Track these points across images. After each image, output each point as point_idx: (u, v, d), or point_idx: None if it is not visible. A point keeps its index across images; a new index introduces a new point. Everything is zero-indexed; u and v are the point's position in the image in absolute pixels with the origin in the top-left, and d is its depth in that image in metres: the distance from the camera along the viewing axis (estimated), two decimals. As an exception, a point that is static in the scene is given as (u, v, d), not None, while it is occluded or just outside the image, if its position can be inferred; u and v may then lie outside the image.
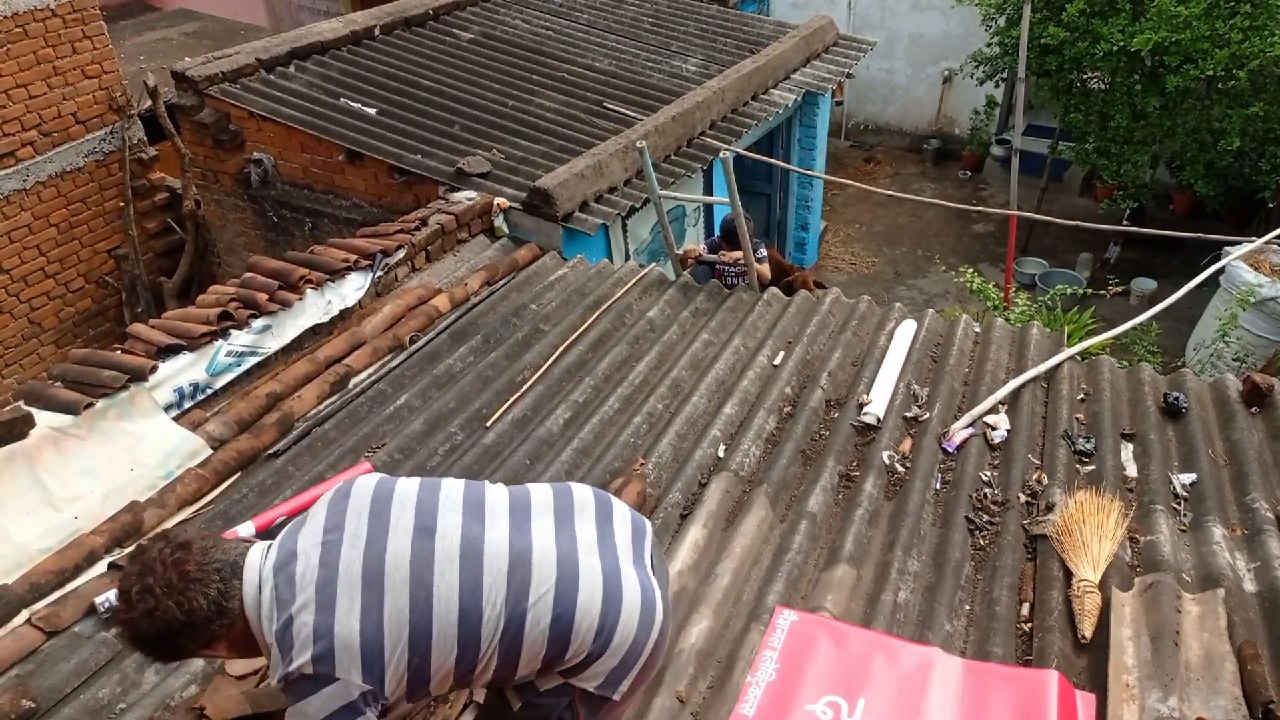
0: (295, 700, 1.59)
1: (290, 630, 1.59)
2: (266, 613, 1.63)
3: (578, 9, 8.48)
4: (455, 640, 1.64)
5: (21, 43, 6.12)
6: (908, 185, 11.70)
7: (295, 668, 1.58)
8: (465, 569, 1.65)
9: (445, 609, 1.63)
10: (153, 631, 1.59)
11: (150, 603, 1.57)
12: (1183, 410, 3.58)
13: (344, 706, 1.58)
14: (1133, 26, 8.08)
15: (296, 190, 6.20)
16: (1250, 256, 7.29)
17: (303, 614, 1.59)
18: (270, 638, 1.62)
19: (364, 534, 1.67)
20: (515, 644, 1.66)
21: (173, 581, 1.59)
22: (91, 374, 3.42)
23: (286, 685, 1.60)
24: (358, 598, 1.60)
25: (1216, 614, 2.63)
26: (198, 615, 1.60)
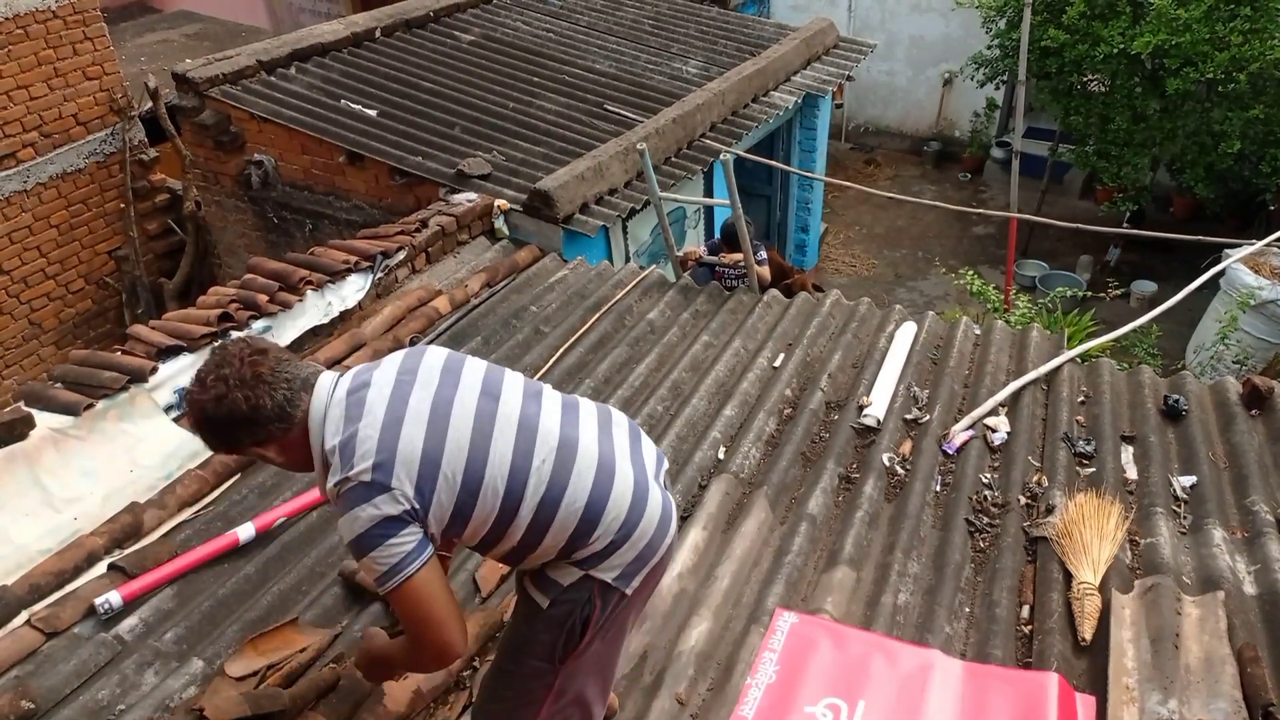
0: (346, 508, 1.68)
1: (354, 441, 1.70)
2: (332, 428, 1.73)
3: (578, 11, 8.49)
4: (501, 494, 1.75)
5: (22, 44, 6.12)
6: (908, 187, 11.71)
7: (354, 473, 1.67)
8: (521, 436, 1.78)
9: (499, 462, 1.75)
10: (217, 417, 1.72)
11: (221, 390, 1.70)
12: (1183, 413, 3.58)
13: (392, 517, 1.68)
14: (1133, 29, 8.09)
15: (297, 192, 6.20)
16: (1250, 259, 7.29)
17: (368, 429, 1.70)
18: (331, 444, 1.72)
19: (435, 381, 1.80)
20: (549, 515, 1.77)
21: (245, 377, 1.71)
22: (91, 375, 3.42)
23: (340, 494, 1.69)
24: (424, 427, 1.72)
25: (1217, 616, 2.63)
26: (261, 413, 1.72)
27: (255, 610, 2.75)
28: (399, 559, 1.69)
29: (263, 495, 3.24)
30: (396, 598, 1.73)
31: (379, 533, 1.68)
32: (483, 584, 2.86)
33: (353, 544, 1.71)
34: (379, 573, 1.71)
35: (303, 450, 1.79)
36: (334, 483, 1.71)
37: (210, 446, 1.84)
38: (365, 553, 1.70)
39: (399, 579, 1.70)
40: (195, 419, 1.76)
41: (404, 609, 1.76)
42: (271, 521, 3.05)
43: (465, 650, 1.83)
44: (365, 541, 1.69)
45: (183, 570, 2.87)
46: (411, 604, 1.74)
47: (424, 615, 1.75)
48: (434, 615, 1.74)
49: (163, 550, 2.94)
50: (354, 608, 2.81)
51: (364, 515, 1.67)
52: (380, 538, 1.68)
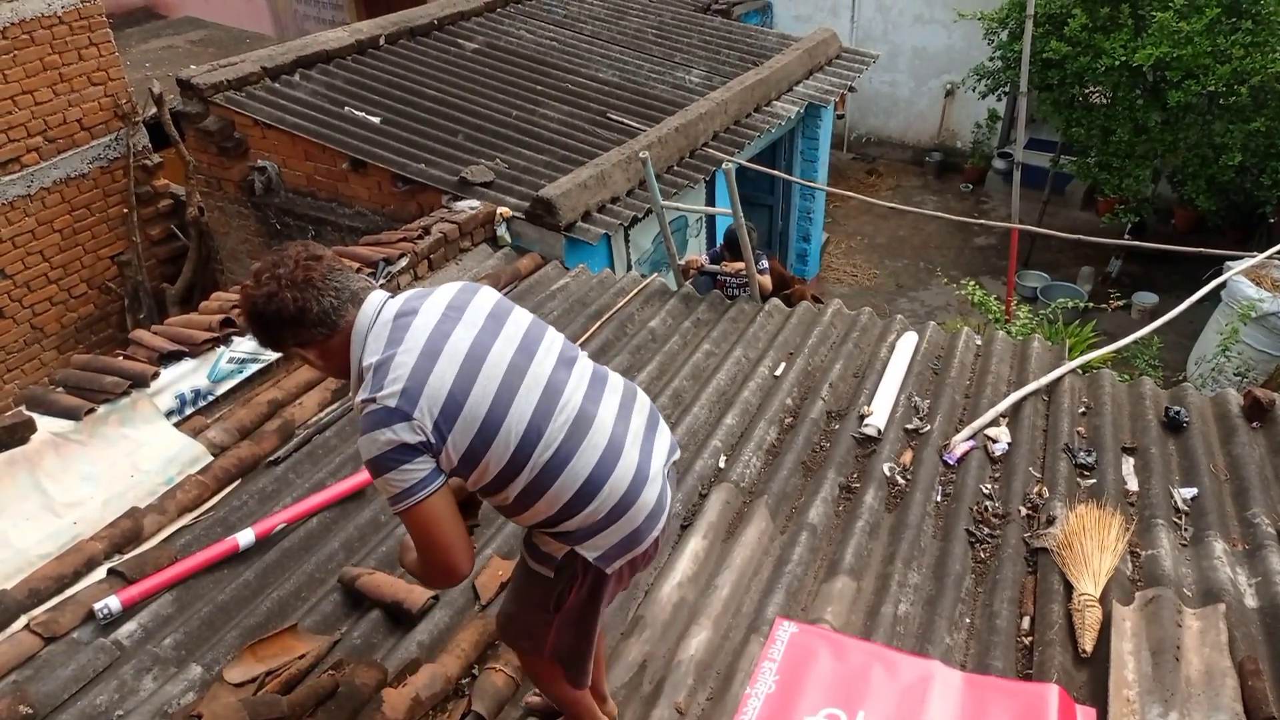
0: (368, 428, 1.75)
1: (389, 364, 1.76)
2: (372, 346, 1.80)
3: (582, 20, 8.52)
4: (511, 450, 1.81)
5: (28, 49, 6.15)
6: (909, 198, 11.72)
7: (381, 395, 1.74)
8: (544, 399, 1.85)
9: (518, 418, 1.81)
10: (265, 314, 1.78)
11: (272, 288, 1.77)
12: (1184, 424, 3.57)
13: (408, 445, 1.74)
14: (1135, 42, 8.11)
15: (300, 198, 6.21)
16: (1251, 271, 7.29)
17: (405, 356, 1.77)
18: (368, 362, 1.79)
19: (479, 324, 1.86)
20: (549, 480, 1.85)
21: (296, 279, 1.77)
22: (93, 380, 3.42)
23: (364, 412, 1.76)
24: (457, 367, 1.79)
25: (1217, 629, 2.63)
26: (306, 316, 1.79)
27: (254, 616, 2.75)
28: (411, 484, 1.77)
29: (263, 501, 3.24)
30: (407, 519, 1.82)
31: (394, 457, 1.75)
32: (482, 592, 2.86)
33: (369, 463, 1.78)
34: (392, 494, 1.78)
35: (342, 358, 1.86)
36: (361, 399, 1.78)
37: (258, 342, 1.90)
38: (380, 474, 1.77)
39: (410, 502, 1.78)
40: (245, 312, 1.83)
41: (414, 531, 1.84)
42: (271, 528, 3.04)
43: (470, 572, 1.91)
44: (380, 463, 1.76)
45: (182, 576, 2.86)
46: (420, 527, 1.82)
47: (432, 539, 1.83)
48: (441, 539, 1.83)
49: (162, 555, 2.94)
50: (353, 614, 2.81)
51: (382, 439, 1.74)
52: (395, 462, 1.75)
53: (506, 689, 2.53)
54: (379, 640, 2.72)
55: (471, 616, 2.77)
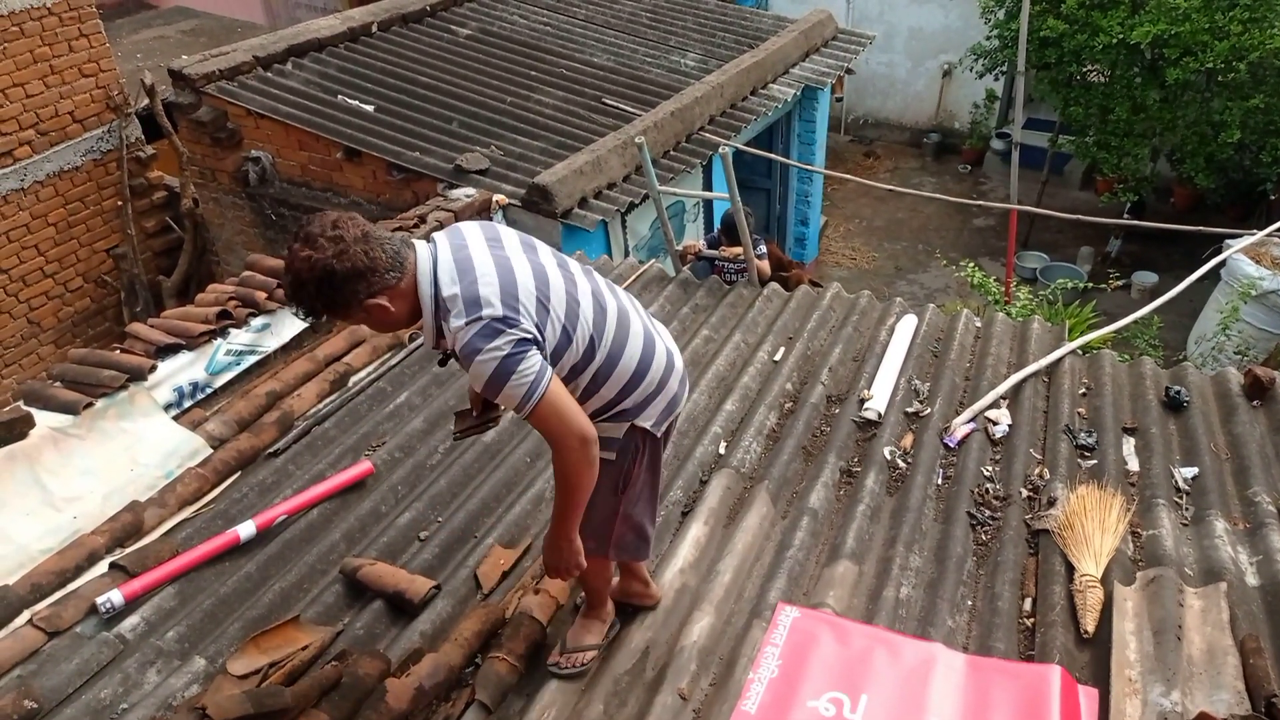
0: (482, 343, 1.89)
1: (476, 287, 1.92)
2: (447, 277, 1.94)
3: (575, 4, 8.46)
4: (586, 340, 2.08)
5: (18, 42, 6.11)
6: (908, 180, 11.68)
7: (485, 313, 1.89)
8: (595, 305, 2.12)
9: (585, 319, 2.08)
10: (340, 271, 1.83)
11: (341, 246, 1.83)
12: (1184, 404, 3.57)
13: (525, 339, 1.92)
14: (1132, 19, 8.06)
15: (294, 188, 6.19)
16: (1251, 249, 7.27)
17: (487, 278, 1.94)
18: (451, 292, 1.92)
19: (522, 249, 2.08)
20: (613, 364, 2.14)
21: (358, 234, 1.87)
22: (91, 374, 3.41)
23: (472, 335, 1.89)
24: (532, 279, 2.00)
25: (1219, 608, 2.63)
26: (379, 262, 1.88)
27: (257, 608, 2.75)
28: (534, 377, 1.92)
29: (263, 493, 3.24)
30: (539, 414, 1.95)
31: (516, 358, 1.89)
32: (484, 580, 2.86)
33: (495, 375, 1.90)
34: (520, 395, 1.91)
35: (411, 300, 1.96)
36: (462, 324, 1.90)
37: (319, 309, 1.91)
38: (506, 378, 1.90)
39: (540, 393, 1.93)
40: (313, 278, 1.84)
41: (548, 421, 1.98)
42: (272, 519, 3.04)
43: (592, 430, 2.05)
44: (504, 369, 1.89)
45: (184, 569, 2.86)
46: (554, 412, 1.97)
47: (566, 417, 1.98)
48: (573, 414, 2.00)
49: (164, 549, 2.94)
50: (355, 605, 2.81)
51: (502, 344, 1.89)
52: (517, 362, 1.89)
53: (510, 677, 2.53)
54: (381, 630, 2.72)
55: (474, 605, 2.78)
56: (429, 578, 2.82)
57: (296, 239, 1.87)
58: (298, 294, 1.90)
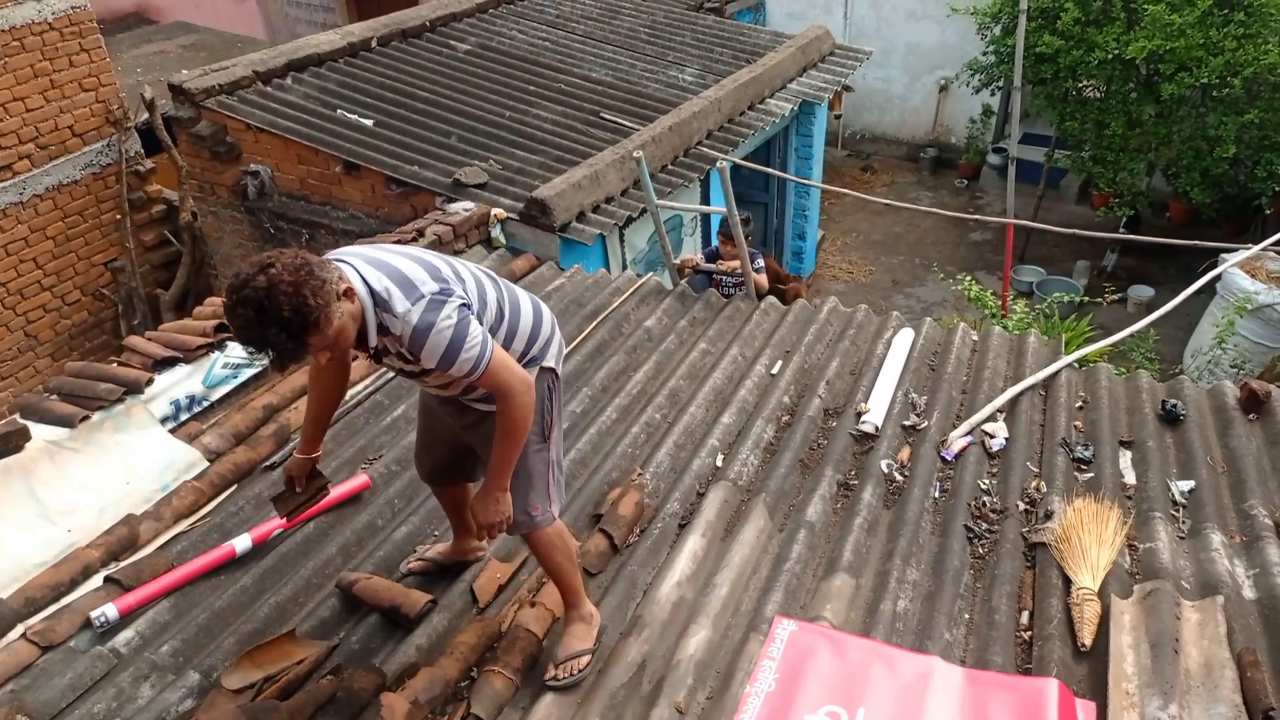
0: (431, 317, 2.05)
1: (406, 275, 2.10)
2: (373, 277, 2.08)
3: (574, 20, 8.51)
4: (496, 306, 2.32)
5: (19, 56, 6.13)
6: (904, 194, 11.71)
7: (427, 291, 2.08)
8: (489, 279, 2.36)
9: (486, 289, 2.31)
10: (300, 297, 1.87)
11: (290, 280, 1.86)
12: (1181, 417, 3.57)
13: (468, 305, 2.15)
14: (1127, 35, 8.11)
15: (293, 202, 6.20)
16: (1247, 263, 7.29)
17: (408, 266, 2.13)
18: (386, 284, 2.07)
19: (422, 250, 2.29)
20: (516, 321, 2.38)
21: (300, 266, 1.91)
22: (87, 387, 3.41)
23: (421, 313, 2.05)
24: (450, 265, 2.24)
25: (1216, 621, 2.63)
26: (328, 288, 1.93)
27: (252, 622, 2.74)
28: (481, 342, 2.13)
29: (259, 507, 3.23)
30: (491, 371, 2.16)
31: (464, 320, 2.10)
32: (480, 595, 2.85)
33: (450, 345, 2.08)
34: (472, 361, 2.12)
35: (354, 325, 2.06)
36: (407, 307, 2.05)
37: (289, 350, 1.92)
38: (460, 346, 2.09)
39: (487, 358, 2.14)
40: (283, 315, 1.86)
41: (499, 375, 2.19)
42: (268, 533, 3.04)
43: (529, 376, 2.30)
44: (458, 335, 2.08)
45: (179, 582, 2.86)
46: (501, 366, 2.19)
47: (511, 367, 2.23)
48: (514, 366, 2.24)
49: (159, 562, 2.93)
50: (351, 619, 2.80)
51: (450, 312, 2.08)
52: (466, 326, 2.09)
53: (506, 691, 2.52)
54: (377, 644, 2.71)
55: (470, 620, 2.77)
56: (425, 592, 2.81)
57: (249, 272, 1.88)
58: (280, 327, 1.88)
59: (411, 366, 2.22)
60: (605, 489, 3.31)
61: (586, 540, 3.05)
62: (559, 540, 2.57)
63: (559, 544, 2.57)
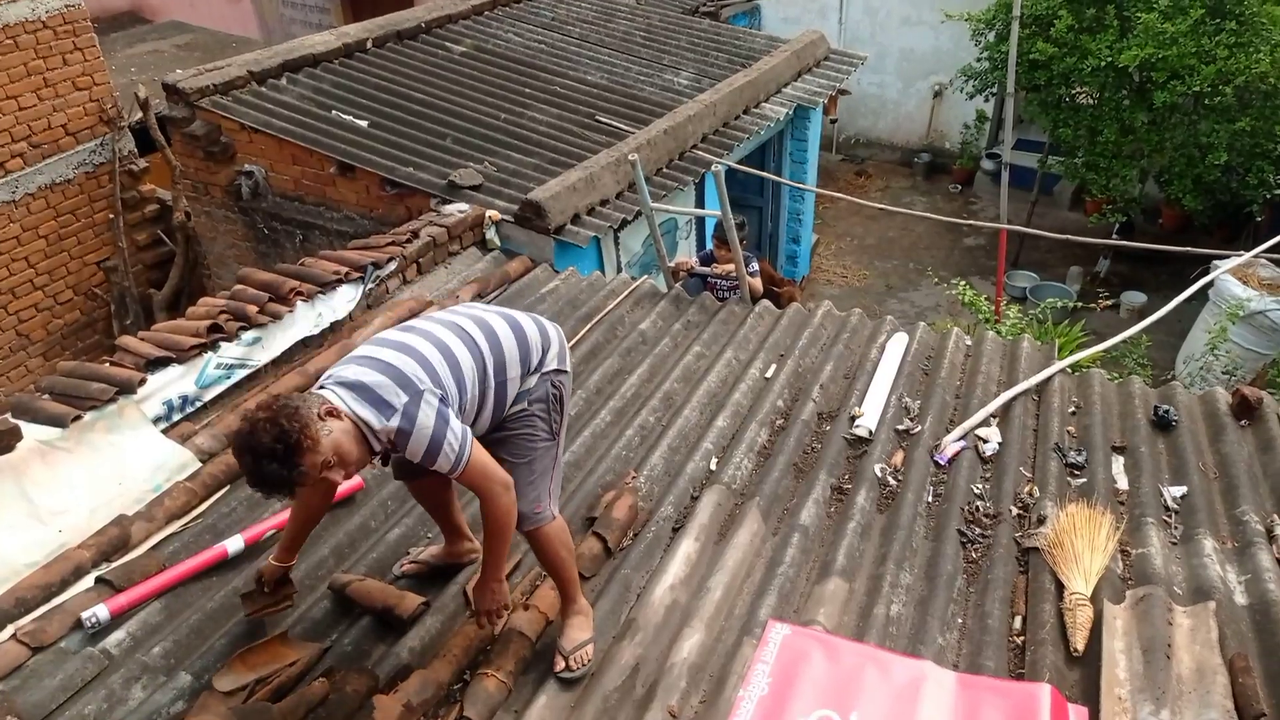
0: (415, 418, 2.13)
1: (375, 393, 2.15)
2: (353, 401, 2.15)
3: (570, 23, 8.51)
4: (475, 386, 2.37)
5: (11, 54, 6.10)
6: (899, 199, 11.75)
7: (398, 404, 2.14)
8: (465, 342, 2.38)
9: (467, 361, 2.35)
10: (278, 426, 1.97)
11: (264, 415, 2.00)
12: (1173, 423, 3.59)
13: (446, 401, 2.21)
14: (1120, 43, 8.15)
15: (287, 202, 6.19)
16: (1238, 270, 7.33)
17: (374, 378, 2.18)
18: (363, 405, 2.14)
19: (392, 337, 2.36)
20: (500, 357, 2.42)
21: (272, 401, 2.05)
22: (79, 386, 3.39)
23: (404, 416, 2.13)
24: (416, 357, 2.27)
25: (1208, 626, 2.64)
26: (303, 412, 2.03)
27: (244, 624, 2.73)
28: (462, 442, 2.20)
29: (251, 508, 3.22)
30: (470, 471, 2.23)
31: (443, 421, 2.16)
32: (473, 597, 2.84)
33: (430, 442, 2.15)
34: (452, 459, 2.18)
35: (351, 441, 2.13)
36: (384, 423, 2.13)
37: (287, 477, 2.01)
38: (440, 445, 2.15)
39: (466, 457, 2.21)
40: (268, 446, 1.97)
41: (476, 475, 2.26)
42: (260, 534, 3.03)
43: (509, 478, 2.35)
44: (439, 433, 2.15)
45: (171, 584, 2.84)
46: (480, 470, 2.26)
47: (490, 468, 2.29)
48: (493, 469, 2.29)
49: (150, 563, 2.92)
50: (342, 621, 2.79)
51: (431, 412, 2.15)
52: (445, 424, 2.16)
53: (499, 694, 2.52)
54: (370, 647, 2.70)
55: (463, 622, 2.76)
56: (418, 594, 2.80)
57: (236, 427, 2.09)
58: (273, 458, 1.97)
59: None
60: (599, 492, 3.31)
61: (580, 543, 3.04)
62: (561, 535, 2.61)
63: (562, 538, 2.61)
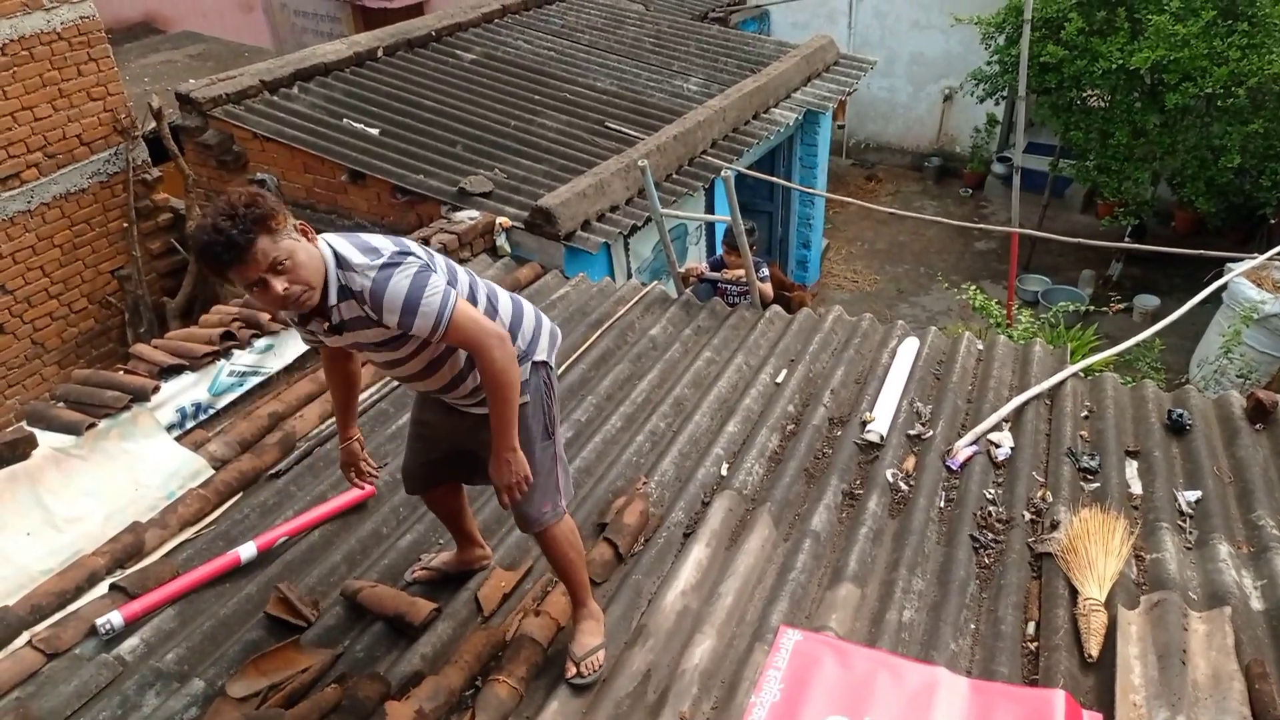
0: (389, 274, 2.07)
1: (370, 243, 2.15)
2: (340, 242, 2.13)
3: (579, 30, 8.54)
4: (483, 294, 2.37)
5: (27, 65, 6.16)
6: (909, 203, 11.73)
7: (387, 251, 2.12)
8: (468, 274, 2.37)
9: (466, 278, 2.34)
10: (253, 199, 1.96)
11: (243, 191, 1.99)
12: (1187, 427, 3.57)
13: (427, 265, 2.15)
14: (1131, 45, 8.12)
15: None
16: (1252, 273, 7.28)
17: (374, 239, 2.18)
18: (351, 247, 2.12)
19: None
20: (503, 313, 2.40)
21: (265, 198, 2.00)
22: (94, 394, 3.42)
23: (379, 270, 2.07)
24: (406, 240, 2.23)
25: (1224, 632, 2.61)
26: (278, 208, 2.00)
27: (257, 630, 2.74)
28: (443, 295, 2.11)
29: (264, 514, 3.24)
30: (457, 324, 2.13)
31: (423, 274, 2.09)
32: (485, 604, 2.85)
33: (409, 295, 2.07)
34: (435, 310, 2.09)
35: (314, 264, 2.07)
36: (366, 262, 2.08)
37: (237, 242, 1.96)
38: (420, 296, 2.08)
39: (450, 307, 2.12)
40: (237, 210, 1.95)
41: (467, 329, 2.15)
42: (273, 541, 3.04)
43: (504, 330, 2.25)
44: (417, 283, 2.08)
45: (184, 590, 2.86)
46: (468, 320, 2.16)
47: (480, 321, 2.19)
48: (484, 321, 2.19)
49: (164, 570, 2.93)
50: (355, 628, 2.80)
51: (408, 266, 2.09)
52: (425, 277, 2.09)
53: (510, 700, 2.52)
54: (382, 653, 2.71)
55: (474, 629, 2.77)
56: (430, 600, 2.81)
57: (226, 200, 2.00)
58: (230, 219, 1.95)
59: (378, 335, 2.19)
60: (610, 498, 3.31)
61: (591, 549, 3.04)
62: (571, 536, 2.59)
63: (571, 539, 2.59)
